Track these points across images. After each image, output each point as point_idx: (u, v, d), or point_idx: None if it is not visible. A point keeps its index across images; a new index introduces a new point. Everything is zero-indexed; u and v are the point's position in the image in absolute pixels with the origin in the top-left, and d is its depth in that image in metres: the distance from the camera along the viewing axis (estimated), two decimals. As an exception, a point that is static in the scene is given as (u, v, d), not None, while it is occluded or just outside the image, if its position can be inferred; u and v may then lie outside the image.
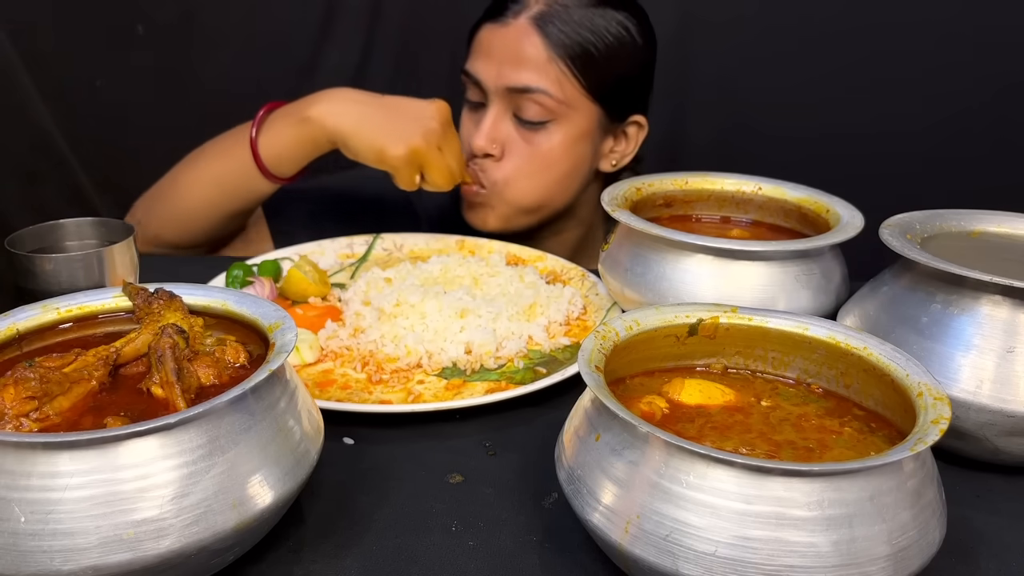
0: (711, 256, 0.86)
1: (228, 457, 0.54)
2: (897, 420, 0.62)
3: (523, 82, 1.13)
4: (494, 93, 1.15)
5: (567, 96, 1.15)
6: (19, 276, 0.84)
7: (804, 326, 0.68)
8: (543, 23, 1.13)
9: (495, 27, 1.15)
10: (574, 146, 1.19)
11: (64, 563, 0.50)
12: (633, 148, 1.27)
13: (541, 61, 1.13)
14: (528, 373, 0.87)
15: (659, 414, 0.64)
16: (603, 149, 1.24)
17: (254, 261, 1.08)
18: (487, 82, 1.15)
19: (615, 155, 1.26)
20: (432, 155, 1.05)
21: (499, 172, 1.18)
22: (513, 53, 1.13)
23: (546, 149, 1.17)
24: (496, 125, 1.16)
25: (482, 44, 1.17)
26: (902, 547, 0.52)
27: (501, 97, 1.15)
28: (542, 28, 1.13)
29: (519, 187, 1.18)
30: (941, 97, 1.58)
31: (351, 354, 0.90)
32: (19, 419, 0.57)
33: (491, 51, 1.15)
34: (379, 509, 0.68)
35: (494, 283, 1.03)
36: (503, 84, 1.14)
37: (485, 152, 1.16)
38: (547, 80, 1.13)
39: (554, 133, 1.16)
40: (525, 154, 1.17)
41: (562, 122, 1.16)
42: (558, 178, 1.20)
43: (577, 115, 1.17)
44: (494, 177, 1.18)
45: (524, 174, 1.18)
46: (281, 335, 0.62)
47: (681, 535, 0.51)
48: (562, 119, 1.16)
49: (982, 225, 0.87)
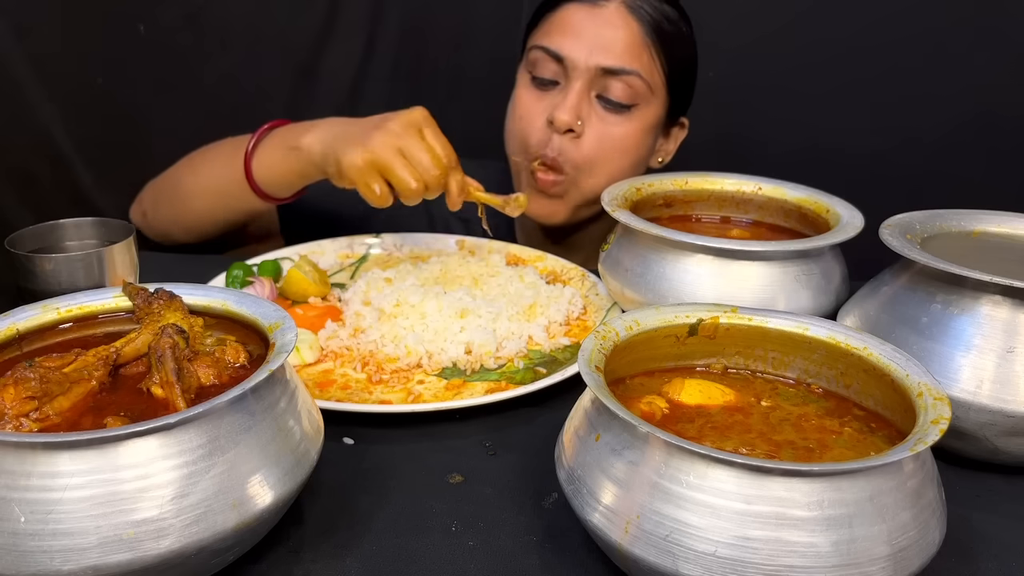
0: (711, 256, 0.86)
1: (228, 457, 0.54)
2: (897, 420, 0.62)
3: (620, 63, 1.13)
4: (582, 71, 1.14)
5: (654, 82, 1.16)
6: (19, 276, 0.84)
7: (804, 326, 0.68)
8: (636, 8, 1.14)
9: (586, 7, 1.15)
10: (647, 135, 1.19)
11: (64, 563, 0.50)
12: (674, 148, 1.28)
13: (637, 44, 1.14)
14: (528, 373, 0.87)
15: (659, 414, 0.64)
16: (656, 145, 1.25)
17: (254, 261, 1.08)
18: (577, 60, 1.14)
19: (661, 153, 1.27)
20: (389, 159, 0.95)
21: (579, 152, 1.16)
22: (609, 35, 1.14)
23: (624, 132, 1.17)
24: (580, 101, 1.15)
25: (569, 22, 1.16)
26: (902, 547, 0.52)
27: (588, 76, 1.14)
28: (636, 12, 1.14)
29: (597, 172, 1.17)
30: (941, 97, 1.58)
31: (351, 354, 0.90)
32: (19, 419, 0.57)
33: (582, 31, 1.15)
34: (379, 509, 0.68)
35: (494, 283, 1.03)
36: (596, 63, 1.13)
37: (569, 127, 1.14)
38: (641, 63, 1.14)
39: (634, 118, 1.17)
40: (604, 135, 1.16)
41: (643, 108, 1.17)
42: (630, 165, 1.20)
43: (656, 103, 1.18)
44: (574, 158, 1.16)
45: (602, 156, 1.17)
46: (281, 335, 0.62)
47: (681, 535, 0.51)
48: (643, 105, 1.17)
49: (982, 225, 0.87)
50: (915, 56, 1.57)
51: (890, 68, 1.58)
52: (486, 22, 1.68)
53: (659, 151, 1.27)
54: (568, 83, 1.15)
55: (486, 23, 1.68)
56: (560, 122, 1.13)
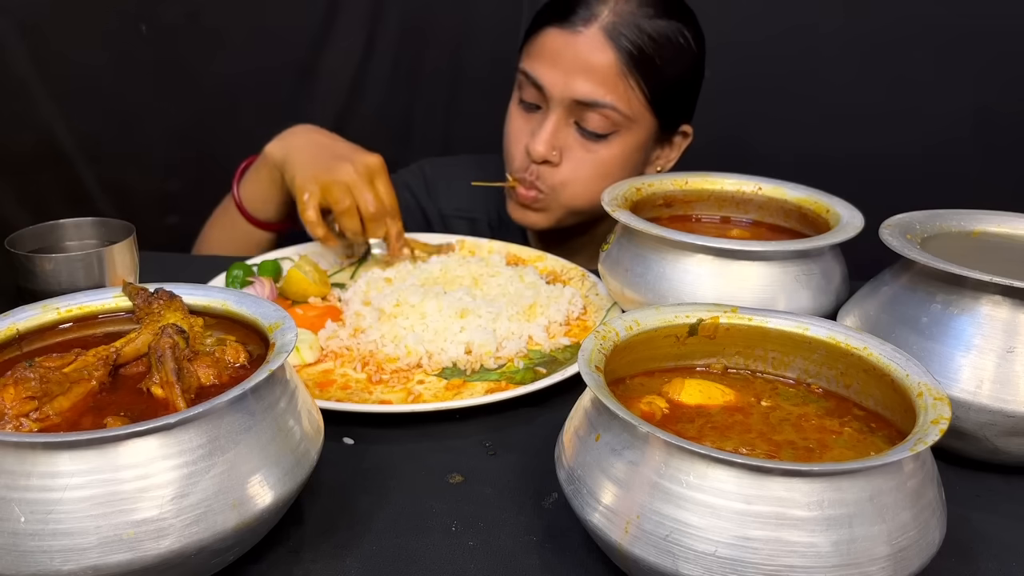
0: (711, 256, 0.86)
1: (228, 457, 0.54)
2: (897, 420, 0.62)
3: (592, 96, 1.11)
4: (558, 101, 1.13)
5: (632, 111, 1.14)
6: (19, 276, 0.84)
7: (804, 326, 0.68)
8: (615, 34, 1.11)
9: (563, 33, 1.12)
10: (631, 156, 1.19)
11: (64, 563, 0.50)
12: (677, 155, 1.27)
13: (612, 75, 1.11)
14: (528, 373, 0.87)
15: (659, 414, 0.64)
16: (651, 156, 1.25)
17: (254, 261, 1.08)
18: (552, 89, 1.13)
19: (660, 161, 1.27)
20: (338, 193, 1.04)
21: (557, 177, 1.17)
22: (583, 64, 1.11)
23: (605, 158, 1.16)
24: (556, 132, 1.15)
25: (548, 49, 1.14)
26: (902, 547, 0.52)
27: (564, 105, 1.14)
28: (614, 40, 1.10)
29: (575, 191, 1.18)
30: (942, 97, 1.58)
31: (351, 354, 0.90)
32: (19, 419, 0.57)
33: (558, 58, 1.12)
34: (379, 509, 0.68)
35: (494, 283, 1.03)
36: (570, 95, 1.12)
37: (544, 159, 1.15)
38: (615, 95, 1.12)
39: (614, 144, 1.16)
40: (584, 161, 1.16)
41: (623, 134, 1.16)
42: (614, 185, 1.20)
43: (638, 127, 1.16)
44: (551, 182, 1.18)
45: (581, 181, 1.17)
46: (281, 335, 0.62)
47: (681, 535, 0.51)
48: (624, 131, 1.15)
49: (982, 225, 0.87)
50: (915, 56, 1.57)
51: (890, 68, 1.58)
52: (486, 22, 1.68)
53: (657, 160, 1.26)
54: (547, 111, 1.15)
55: (486, 23, 1.68)
56: (535, 154, 1.15)
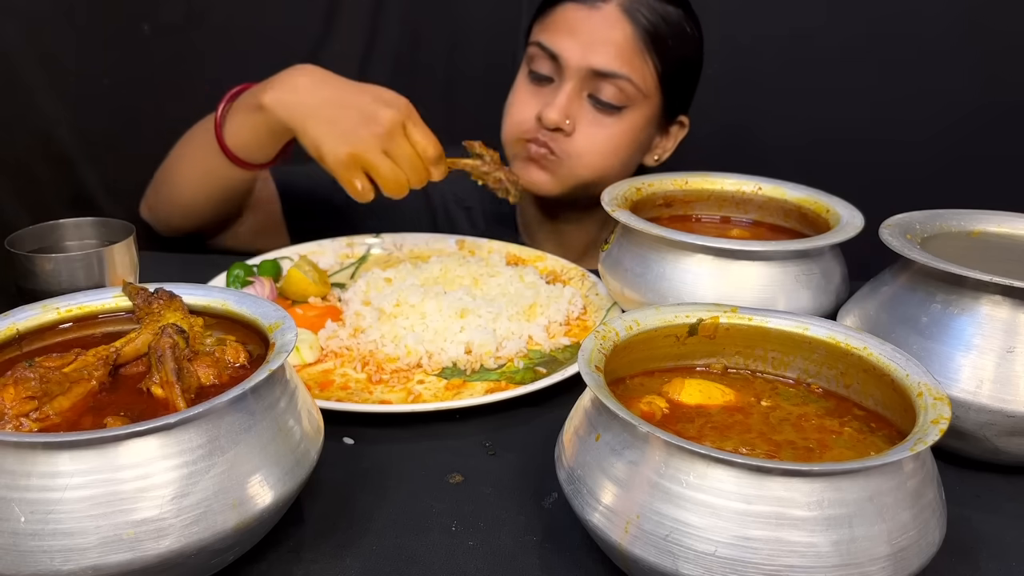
0: (711, 256, 0.86)
1: (228, 457, 0.54)
2: (897, 420, 0.62)
3: (611, 67, 1.14)
4: (575, 71, 1.16)
5: (646, 85, 1.17)
6: (19, 276, 0.84)
7: (804, 326, 0.68)
8: (632, 11, 1.15)
9: (582, 7, 1.16)
10: (639, 133, 1.21)
11: (64, 563, 0.50)
12: (673, 146, 1.29)
13: (629, 48, 1.15)
14: (528, 373, 0.87)
15: (659, 414, 0.64)
16: (652, 143, 1.27)
17: (254, 261, 1.08)
18: (569, 60, 1.15)
19: (658, 151, 1.29)
20: (375, 159, 0.96)
21: (570, 146, 1.19)
22: (602, 37, 1.14)
23: (616, 132, 1.18)
24: (570, 103, 1.16)
25: (566, 21, 1.17)
26: (902, 547, 0.52)
27: (580, 76, 1.16)
28: (631, 16, 1.15)
29: (587, 162, 1.20)
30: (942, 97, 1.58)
31: (351, 354, 0.90)
32: (19, 419, 0.57)
33: (577, 31, 1.16)
34: (379, 509, 0.68)
35: (494, 283, 1.03)
36: (587, 65, 1.15)
37: (557, 126, 1.17)
38: (631, 68, 1.15)
39: (625, 118, 1.18)
40: (595, 135, 1.18)
41: (634, 109, 1.18)
42: (620, 163, 1.22)
43: (647, 105, 1.19)
44: (564, 149, 1.19)
45: (593, 152, 1.19)
46: (281, 335, 0.62)
47: (681, 535, 0.51)
48: (634, 107, 1.18)
49: (982, 225, 0.87)
50: (916, 56, 1.57)
51: (891, 68, 1.58)
52: (485, 23, 1.68)
53: (655, 148, 1.28)
54: (561, 82, 1.17)
55: (484, 24, 1.68)
56: (548, 120, 1.16)
